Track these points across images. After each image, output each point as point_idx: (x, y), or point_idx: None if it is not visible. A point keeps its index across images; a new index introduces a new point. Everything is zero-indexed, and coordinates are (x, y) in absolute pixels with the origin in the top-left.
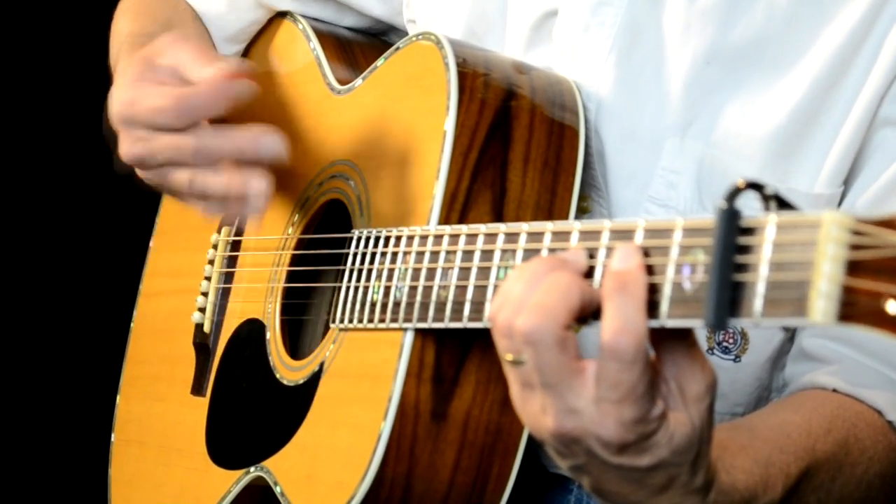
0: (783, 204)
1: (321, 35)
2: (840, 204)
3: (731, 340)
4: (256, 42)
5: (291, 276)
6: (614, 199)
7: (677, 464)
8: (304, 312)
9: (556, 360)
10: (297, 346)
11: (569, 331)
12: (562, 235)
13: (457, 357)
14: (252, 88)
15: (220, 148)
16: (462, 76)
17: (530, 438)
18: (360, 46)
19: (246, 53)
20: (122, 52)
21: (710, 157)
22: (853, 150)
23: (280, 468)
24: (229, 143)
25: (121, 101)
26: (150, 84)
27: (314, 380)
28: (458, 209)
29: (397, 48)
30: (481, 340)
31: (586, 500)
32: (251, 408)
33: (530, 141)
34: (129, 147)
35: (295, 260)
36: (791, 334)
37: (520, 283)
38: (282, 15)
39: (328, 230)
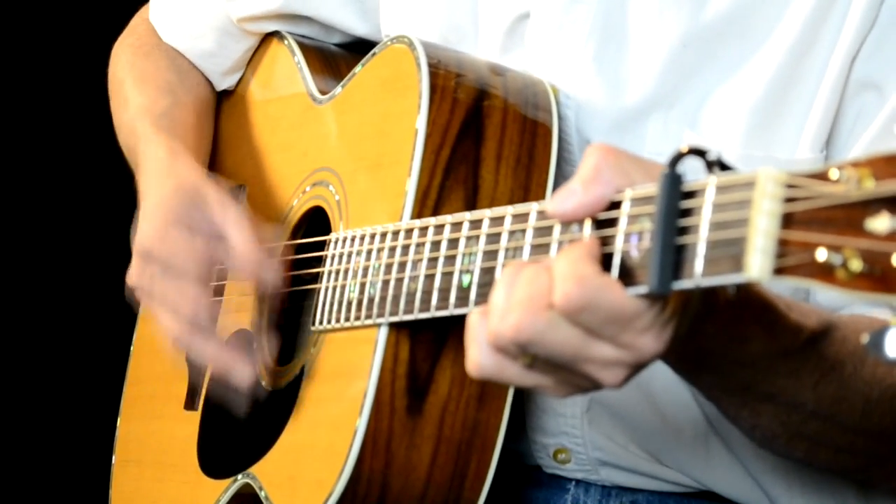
0: (726, 168)
1: (305, 49)
2: None
3: None
4: (248, 61)
5: None
6: None
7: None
8: (291, 319)
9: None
10: (293, 354)
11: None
12: (521, 217)
13: (431, 353)
14: (278, 278)
15: (204, 352)
16: (434, 76)
17: (521, 438)
18: (343, 59)
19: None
20: (144, 140)
21: (694, 137)
22: (831, 112)
23: (264, 473)
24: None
25: (148, 235)
26: (183, 228)
27: (296, 383)
28: (430, 206)
29: (374, 53)
30: (456, 337)
31: (583, 500)
32: (238, 417)
33: (503, 139)
34: (137, 277)
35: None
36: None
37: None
38: (272, 34)
39: (313, 237)
